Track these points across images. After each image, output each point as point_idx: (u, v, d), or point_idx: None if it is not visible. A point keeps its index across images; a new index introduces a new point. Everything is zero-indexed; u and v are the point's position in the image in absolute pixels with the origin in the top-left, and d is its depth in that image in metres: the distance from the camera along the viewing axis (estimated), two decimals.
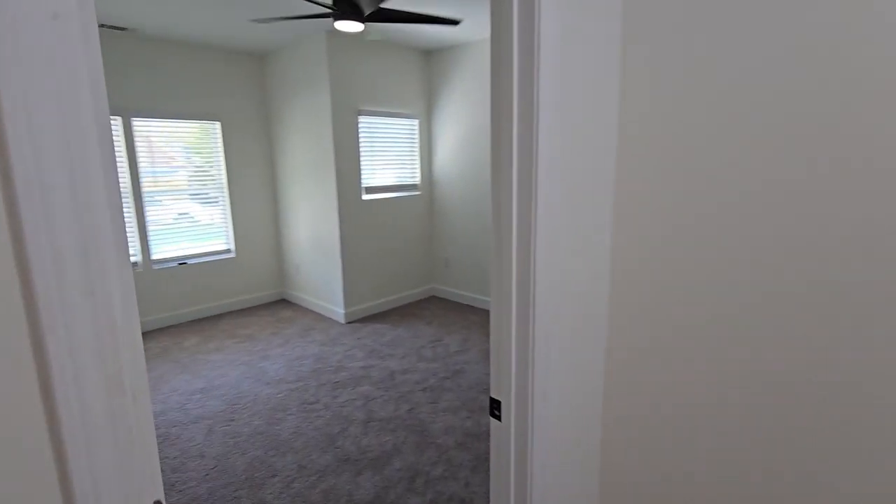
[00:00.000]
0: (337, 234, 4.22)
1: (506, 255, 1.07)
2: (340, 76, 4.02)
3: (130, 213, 4.04)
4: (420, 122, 4.78)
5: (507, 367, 1.10)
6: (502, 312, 1.11)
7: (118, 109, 3.87)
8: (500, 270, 1.09)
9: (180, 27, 3.71)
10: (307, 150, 4.39)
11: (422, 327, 4.18)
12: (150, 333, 4.15)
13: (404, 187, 4.75)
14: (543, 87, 0.96)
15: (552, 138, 1.01)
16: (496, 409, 1.11)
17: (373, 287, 4.56)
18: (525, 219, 1.02)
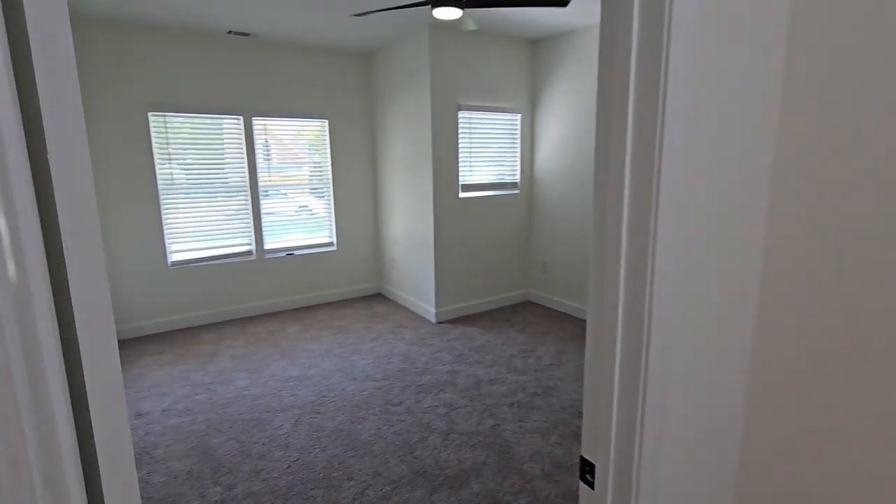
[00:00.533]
0: (431, 232, 4.15)
1: (611, 269, 0.81)
2: (441, 71, 3.93)
3: (247, 205, 4.37)
4: (522, 116, 4.52)
5: (605, 419, 0.84)
6: (602, 347, 0.85)
7: (240, 109, 4.20)
8: (602, 289, 0.83)
9: (294, 31, 3.90)
10: (406, 147, 4.38)
11: (514, 334, 3.94)
12: (260, 318, 4.46)
13: (503, 185, 4.53)
14: (673, 64, 0.69)
15: (682, 126, 0.73)
16: (588, 474, 0.86)
17: (465, 288, 4.42)
18: (641, 225, 0.75)
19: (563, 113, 4.25)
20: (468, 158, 4.27)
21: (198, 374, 3.26)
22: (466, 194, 4.29)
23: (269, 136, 4.42)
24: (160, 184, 3.96)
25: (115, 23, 3.58)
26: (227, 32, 3.91)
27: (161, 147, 3.93)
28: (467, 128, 4.21)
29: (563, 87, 4.21)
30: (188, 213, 4.12)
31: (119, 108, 3.71)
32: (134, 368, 3.37)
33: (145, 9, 3.33)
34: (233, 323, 4.32)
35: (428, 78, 3.90)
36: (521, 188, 4.65)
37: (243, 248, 4.42)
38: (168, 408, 2.81)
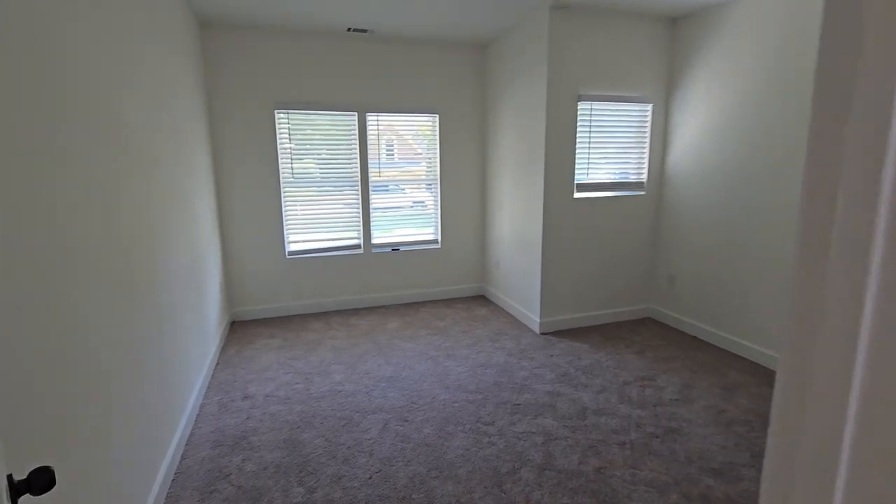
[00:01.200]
0: (539, 234, 3.80)
1: (838, 294, 0.46)
2: (560, 58, 3.55)
3: (357, 200, 4.45)
4: (654, 107, 3.93)
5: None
6: (816, 412, 0.50)
7: (354, 105, 4.27)
8: (819, 322, 0.48)
9: (410, 24, 3.82)
10: (517, 142, 4.08)
11: (629, 357, 3.44)
12: (364, 311, 4.54)
13: (626, 185, 4.00)
14: None
15: None
16: None
17: (575, 298, 4.00)
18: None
19: (706, 102, 3.59)
20: (586, 154, 3.83)
21: (300, 363, 3.36)
22: (582, 194, 3.86)
23: (381, 132, 4.44)
24: (282, 177, 4.20)
25: (245, 28, 3.84)
26: (347, 30, 3.98)
27: (283, 143, 4.16)
28: (587, 120, 3.77)
29: (708, 73, 3.54)
30: (305, 205, 4.33)
31: (250, 107, 3.99)
32: (248, 350, 3.60)
33: (273, 13, 3.50)
34: (339, 314, 4.45)
35: (545, 66, 3.55)
36: (647, 189, 4.06)
37: (352, 241, 4.53)
38: (270, 393, 2.92)
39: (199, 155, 3.38)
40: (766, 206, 3.17)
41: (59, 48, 1.39)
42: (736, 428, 2.51)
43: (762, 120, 3.16)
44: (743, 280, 3.37)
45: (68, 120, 1.41)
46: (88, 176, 1.53)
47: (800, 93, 2.91)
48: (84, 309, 1.43)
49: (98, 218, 1.58)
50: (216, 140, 3.96)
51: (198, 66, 3.54)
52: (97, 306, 1.52)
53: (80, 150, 1.47)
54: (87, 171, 1.52)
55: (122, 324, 1.72)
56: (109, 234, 1.66)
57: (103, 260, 1.60)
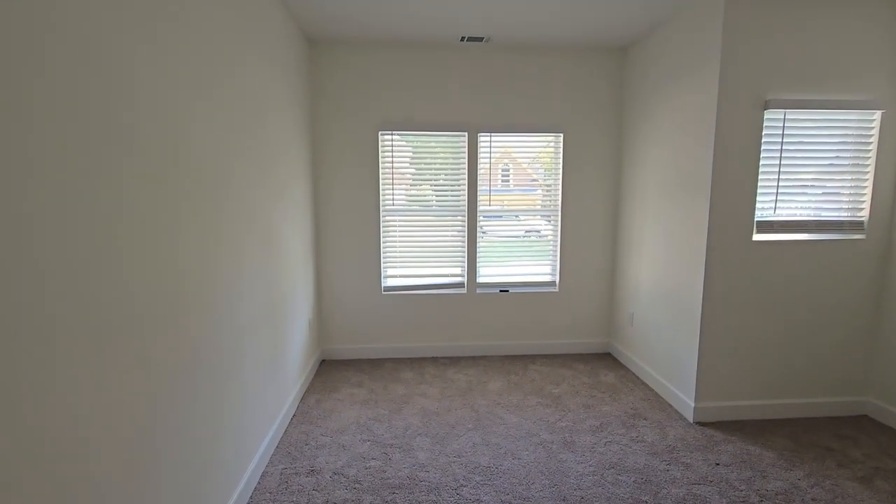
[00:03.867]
0: (700, 287, 2.81)
1: None
2: (739, 51, 2.61)
3: (463, 231, 3.87)
4: (884, 115, 2.74)
5: None
6: None
7: (465, 125, 3.73)
8: None
9: (535, 27, 3.19)
10: (667, 166, 3.15)
11: (849, 486, 2.26)
12: (463, 360, 3.89)
13: (834, 226, 2.83)
14: None
15: None
16: None
17: (748, 378, 2.89)
18: None
19: None
20: (774, 182, 2.78)
21: (382, 428, 2.80)
22: (766, 236, 2.79)
23: (494, 154, 3.83)
24: (383, 204, 3.80)
25: (352, 43, 3.54)
26: (461, 39, 3.49)
27: (386, 167, 3.77)
28: (777, 135, 2.73)
29: None
30: (405, 235, 3.86)
31: (352, 128, 3.68)
32: (329, 400, 3.15)
33: (383, 23, 3.13)
34: (434, 363, 3.86)
35: (716, 65, 2.64)
36: (870, 230, 2.83)
37: (456, 278, 3.94)
38: (340, 470, 2.38)
39: (297, 180, 3.09)
40: None
41: (117, 65, 1.00)
42: None
43: None
44: None
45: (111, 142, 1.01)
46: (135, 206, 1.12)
47: None
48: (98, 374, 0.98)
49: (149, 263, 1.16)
50: (317, 164, 3.70)
51: (301, 85, 3.30)
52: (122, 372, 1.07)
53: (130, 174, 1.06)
54: (139, 199, 1.11)
55: (159, 398, 1.28)
56: (164, 281, 1.24)
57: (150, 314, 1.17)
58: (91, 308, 1.14)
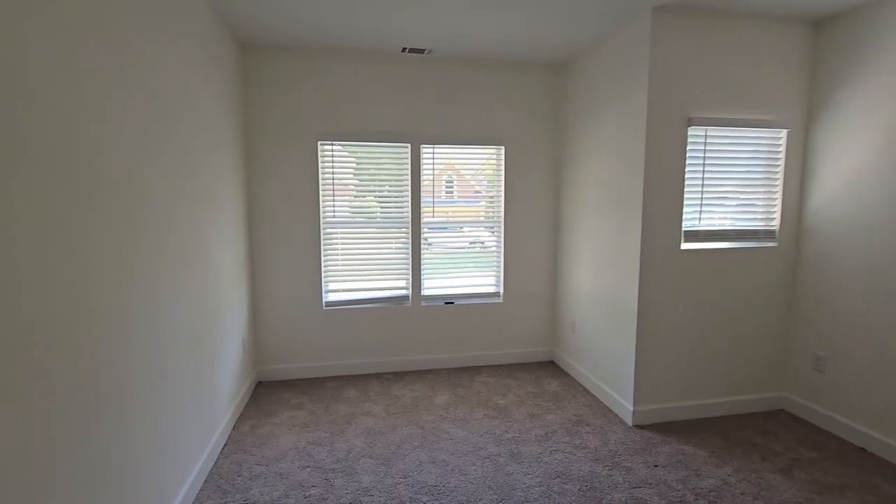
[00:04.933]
0: (635, 295, 2.93)
1: None
2: (666, 71, 2.78)
3: (407, 243, 3.81)
4: (790, 134, 3.02)
5: None
6: None
7: (408, 136, 3.70)
8: None
9: (477, 41, 3.24)
10: (603, 180, 3.28)
11: (773, 478, 2.41)
12: (409, 375, 3.81)
13: (751, 234, 3.06)
14: None
15: None
16: None
17: (683, 381, 3.04)
18: None
19: (867, 129, 2.64)
20: (698, 194, 2.96)
21: (323, 451, 2.65)
22: (692, 245, 2.97)
23: (438, 165, 3.82)
24: (323, 216, 3.66)
25: (289, 49, 3.42)
26: (402, 50, 3.47)
27: (326, 178, 3.65)
28: (700, 151, 2.93)
29: (869, 91, 2.62)
30: (348, 248, 3.74)
31: (291, 137, 3.53)
32: (266, 425, 2.95)
33: (320, 30, 3.05)
34: (379, 379, 3.74)
35: (645, 83, 2.79)
36: (781, 239, 3.09)
37: (400, 291, 3.86)
38: (276, 501, 2.21)
39: (227, 191, 2.90)
40: None
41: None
42: None
43: None
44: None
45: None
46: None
47: None
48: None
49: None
50: (253, 174, 3.51)
51: (233, 91, 3.13)
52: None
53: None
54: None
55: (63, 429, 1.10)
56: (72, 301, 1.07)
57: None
58: None
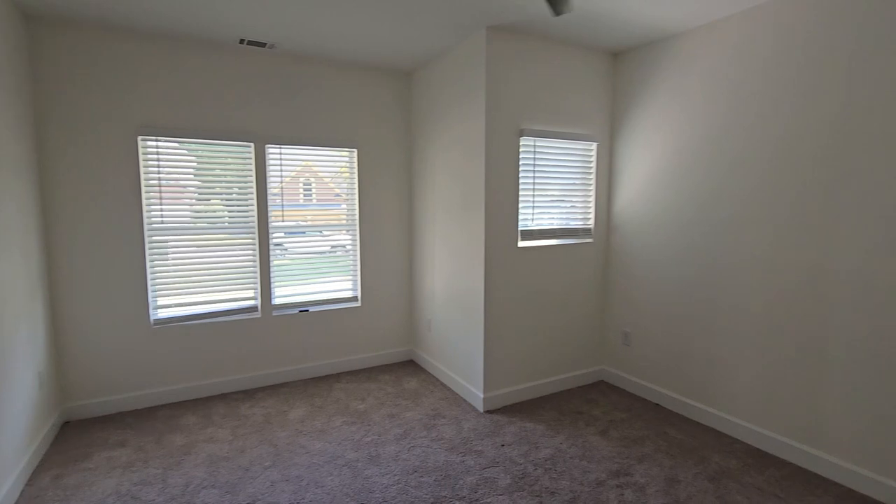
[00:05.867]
0: (481, 290, 3.17)
1: None
2: (500, 86, 3.06)
3: (254, 250, 3.54)
4: (599, 146, 3.57)
5: None
6: None
7: (251, 135, 3.45)
8: None
9: (321, 41, 3.15)
10: (451, 183, 3.48)
11: (594, 439, 2.82)
12: (260, 392, 3.54)
13: (573, 232, 3.54)
14: None
15: None
16: None
17: (523, 364, 3.37)
18: None
19: (654, 143, 3.27)
20: (530, 197, 3.32)
21: (153, 491, 2.32)
22: (528, 242, 3.31)
23: (295, 168, 3.63)
24: (148, 223, 3.20)
25: (99, 29, 2.93)
26: (239, 42, 3.21)
27: (151, 179, 3.19)
28: (530, 159, 3.28)
29: (654, 109, 3.24)
30: (184, 258, 3.33)
31: (104, 131, 3.01)
32: (74, 473, 2.47)
33: (139, 11, 2.65)
34: (225, 399, 3.41)
35: (482, 96, 3.04)
36: (595, 236, 3.63)
37: (247, 302, 3.57)
38: None
39: (6, 195, 2.35)
40: (733, 259, 2.80)
41: None
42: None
43: (720, 164, 2.85)
44: (709, 341, 2.95)
45: None
46: None
47: (764, 130, 2.62)
48: None
49: None
50: (50, 172, 2.90)
51: (16, 71, 2.55)
52: None
53: None
54: None
55: None
56: None
57: None
58: None
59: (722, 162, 2.84)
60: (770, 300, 2.63)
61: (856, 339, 2.30)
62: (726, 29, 2.78)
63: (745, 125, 2.71)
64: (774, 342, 2.62)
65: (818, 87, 2.39)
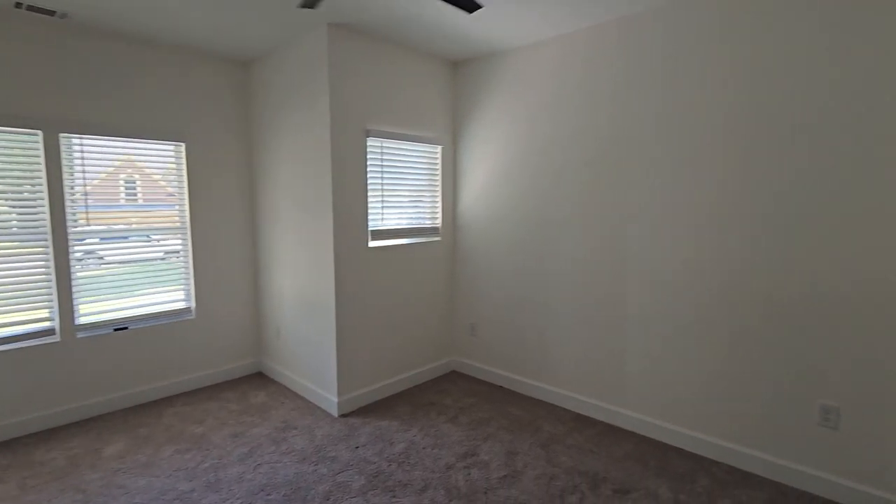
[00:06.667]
0: (332, 292, 3.10)
1: None
2: (345, 84, 3.03)
3: (47, 260, 2.92)
4: (444, 149, 3.77)
5: None
6: None
7: (37, 121, 2.84)
8: None
9: (132, 16, 2.73)
10: (296, 183, 3.33)
11: (445, 427, 2.98)
12: (62, 431, 2.94)
13: (422, 231, 3.67)
14: None
15: None
16: None
17: (377, 363, 3.39)
18: None
19: (490, 148, 3.57)
20: (379, 197, 3.36)
21: None
22: (378, 242, 3.34)
23: (94, 161, 3.07)
24: None
25: None
26: (16, 6, 2.61)
27: None
28: (378, 159, 3.32)
29: (490, 118, 3.55)
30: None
31: None
32: None
33: None
34: (11, 447, 2.76)
35: (327, 93, 2.97)
36: (443, 234, 3.82)
37: (41, 325, 2.93)
38: None
39: None
40: (558, 253, 3.22)
41: None
42: (569, 499, 2.26)
43: (546, 171, 3.24)
44: (541, 325, 3.35)
45: None
46: None
47: (580, 142, 3.06)
48: None
49: None
50: None
51: None
52: None
53: None
54: None
55: None
56: None
57: None
58: None
59: (548, 169, 3.23)
60: (583, 288, 3.09)
61: (645, 316, 2.83)
62: (547, 51, 3.17)
63: (565, 137, 3.13)
64: (588, 323, 3.08)
65: (618, 108, 2.88)
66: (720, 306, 2.53)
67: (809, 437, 2.30)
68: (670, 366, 2.74)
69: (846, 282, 2.15)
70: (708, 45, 2.49)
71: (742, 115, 2.40)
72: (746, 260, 2.43)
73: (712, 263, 2.54)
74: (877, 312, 2.08)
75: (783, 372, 2.35)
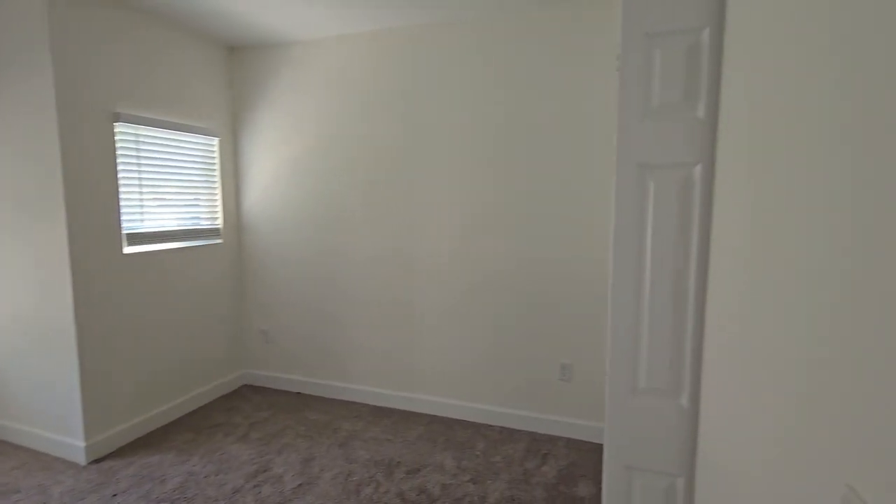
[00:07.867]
0: (70, 314, 2.48)
1: None
2: (76, 58, 2.45)
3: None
4: (221, 141, 3.40)
5: None
6: None
7: None
8: None
9: None
10: (11, 177, 2.56)
11: (233, 448, 2.71)
12: None
13: (199, 233, 3.25)
14: None
15: None
16: None
17: (147, 391, 2.87)
18: None
19: (278, 144, 3.38)
20: (137, 195, 2.83)
21: None
22: (138, 248, 2.82)
23: None
24: None
25: None
26: None
27: None
28: (132, 150, 2.79)
29: (276, 113, 3.35)
30: None
31: None
32: None
33: None
34: None
35: (49, 65, 2.35)
36: (224, 236, 3.46)
37: None
38: None
39: None
40: (351, 252, 3.24)
41: None
42: (365, 490, 2.31)
43: (334, 168, 3.22)
44: (339, 324, 3.33)
45: None
46: None
47: (363, 141, 3.13)
48: None
49: None
50: None
51: None
52: None
53: None
54: None
55: None
56: None
57: None
58: None
59: (336, 166, 3.22)
60: (376, 286, 3.19)
61: (428, 307, 3.08)
62: (328, 47, 3.15)
63: (354, 137, 3.16)
64: (383, 318, 3.20)
65: (399, 114, 3.04)
66: (485, 294, 2.93)
67: (553, 390, 2.85)
68: (450, 349, 3.05)
69: (574, 268, 2.73)
70: (474, 60, 2.84)
71: (502, 126, 2.81)
72: (501, 255, 2.87)
73: (475, 260, 2.92)
74: (586, 289, 2.71)
75: (534, 343, 2.86)
